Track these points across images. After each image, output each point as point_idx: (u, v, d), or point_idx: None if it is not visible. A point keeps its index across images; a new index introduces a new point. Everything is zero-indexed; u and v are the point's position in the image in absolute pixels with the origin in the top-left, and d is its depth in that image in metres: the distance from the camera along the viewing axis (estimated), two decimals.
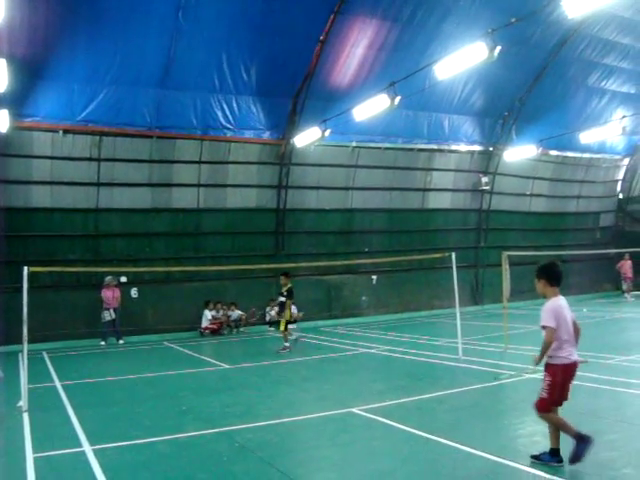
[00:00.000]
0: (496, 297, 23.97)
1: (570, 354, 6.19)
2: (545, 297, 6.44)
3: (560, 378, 6.18)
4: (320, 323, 23.90)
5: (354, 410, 9.06)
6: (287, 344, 16.52)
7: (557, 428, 6.26)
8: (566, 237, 31.57)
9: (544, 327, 6.15)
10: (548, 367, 6.24)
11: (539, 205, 30.73)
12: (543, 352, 6.22)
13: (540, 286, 6.45)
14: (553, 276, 6.38)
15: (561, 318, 6.17)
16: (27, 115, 18.82)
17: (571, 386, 6.25)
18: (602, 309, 24.24)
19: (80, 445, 7.79)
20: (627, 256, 29.09)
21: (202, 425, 8.59)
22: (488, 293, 27.56)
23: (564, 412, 6.35)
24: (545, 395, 6.20)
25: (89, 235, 20.99)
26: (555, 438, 6.29)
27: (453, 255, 14.33)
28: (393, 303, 26.17)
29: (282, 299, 17.04)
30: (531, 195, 30.23)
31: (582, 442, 6.07)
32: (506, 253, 15.14)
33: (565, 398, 6.26)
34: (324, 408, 9.35)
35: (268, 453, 7.19)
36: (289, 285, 16.96)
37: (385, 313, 25.67)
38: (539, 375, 10.97)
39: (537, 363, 6.34)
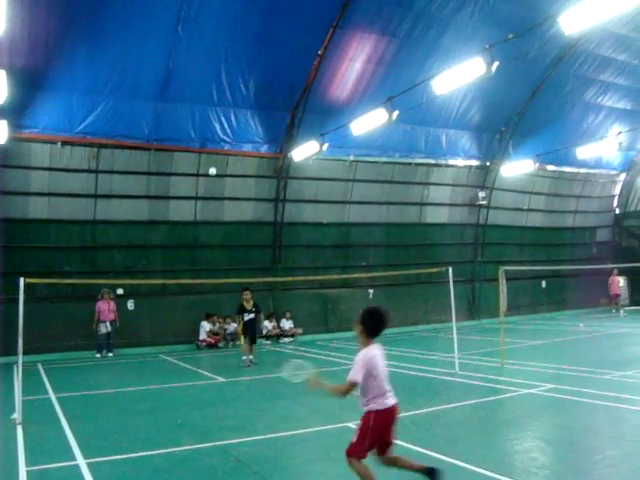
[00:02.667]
0: (493, 312, 24.01)
1: (387, 399, 5.78)
2: (359, 342, 5.89)
3: (374, 424, 5.75)
4: (317, 337, 23.83)
5: (350, 424, 8.99)
6: (244, 358, 16.53)
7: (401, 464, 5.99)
8: (563, 252, 31.64)
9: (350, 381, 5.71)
10: (367, 415, 5.79)
11: (536, 220, 30.79)
12: (332, 392, 5.94)
13: (358, 329, 5.86)
14: (374, 327, 5.82)
15: (375, 369, 5.72)
16: (26, 126, 18.86)
17: (392, 430, 5.86)
18: (598, 324, 24.24)
19: (74, 458, 7.75)
20: (615, 272, 29.22)
21: (197, 439, 8.54)
22: (485, 308, 27.54)
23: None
24: (356, 439, 5.78)
25: (86, 247, 20.96)
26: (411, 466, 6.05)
27: (450, 270, 14.34)
28: (390, 317, 26.02)
29: (252, 316, 16.86)
30: (528, 210, 30.29)
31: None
32: (503, 268, 15.14)
33: (381, 444, 5.84)
34: (320, 422, 9.32)
35: (263, 467, 7.16)
36: (254, 302, 17.03)
37: None
38: (535, 391, 10.99)
39: (314, 387, 6.01)
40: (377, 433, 5.74)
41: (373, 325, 5.79)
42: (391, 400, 5.79)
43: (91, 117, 19.44)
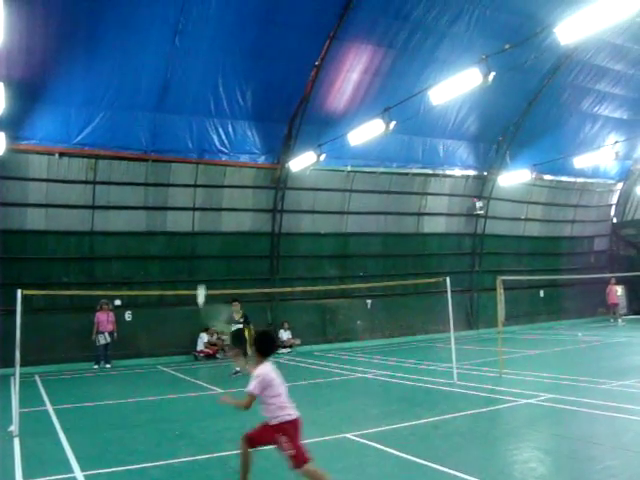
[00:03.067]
0: (491, 321, 23.96)
1: (290, 411, 6.28)
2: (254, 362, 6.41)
3: (294, 432, 6.23)
4: (315, 347, 23.79)
5: (348, 435, 8.99)
6: (238, 368, 16.33)
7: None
8: (560, 261, 31.62)
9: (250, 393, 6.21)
10: (278, 427, 6.23)
11: (533, 229, 30.82)
12: (237, 406, 6.54)
13: (252, 351, 6.57)
14: (266, 349, 6.39)
15: (272, 384, 6.20)
16: (23, 138, 18.86)
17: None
18: (597, 333, 24.22)
19: (71, 471, 7.69)
20: (613, 281, 29.28)
21: (196, 450, 8.50)
22: (483, 317, 27.53)
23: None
24: (292, 451, 6.16)
25: (84, 258, 20.93)
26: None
27: (448, 280, 14.34)
28: (388, 327, 26.08)
29: (239, 326, 16.73)
30: (525, 219, 30.33)
31: None
32: (501, 278, 15.13)
33: (263, 443, 6.45)
34: (318, 433, 9.26)
35: (262, 479, 7.11)
36: (242, 312, 16.85)
37: (380, 337, 25.58)
38: (534, 400, 10.96)
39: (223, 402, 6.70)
40: (297, 438, 6.22)
41: (265, 347, 6.37)
42: (294, 414, 6.29)
43: (89, 128, 19.46)
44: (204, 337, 21.74)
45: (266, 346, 6.40)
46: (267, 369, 6.26)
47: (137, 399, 13.64)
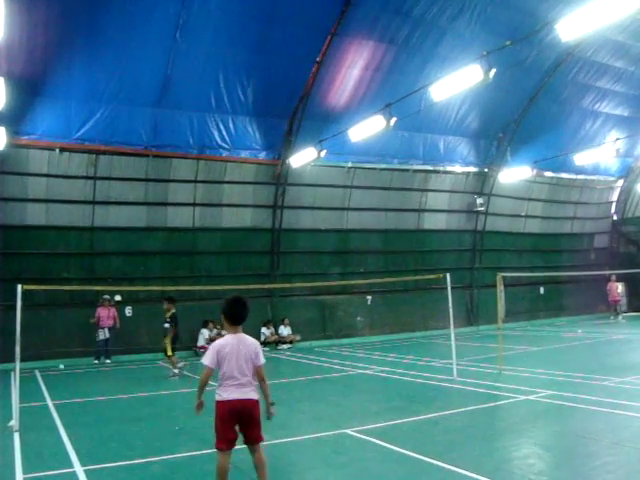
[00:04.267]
0: (491, 318, 24.03)
1: (230, 393, 5.90)
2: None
3: (219, 415, 5.91)
4: (315, 343, 23.82)
5: (348, 431, 9.01)
6: (176, 370, 16.12)
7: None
8: (561, 258, 31.67)
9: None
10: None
11: (534, 226, 30.82)
12: (199, 389, 6.25)
13: (222, 319, 6.24)
14: (231, 315, 6.15)
15: (223, 356, 5.91)
16: (24, 133, 18.86)
17: (245, 426, 6.00)
18: (597, 330, 24.24)
19: (71, 466, 7.71)
20: (613, 277, 29.33)
21: (195, 445, 8.52)
22: (483, 314, 27.55)
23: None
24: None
25: (84, 253, 20.94)
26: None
27: (448, 276, 14.34)
28: (388, 324, 26.10)
29: (166, 325, 16.40)
30: (526, 216, 30.33)
31: None
32: (501, 274, 15.13)
33: (229, 437, 5.92)
34: (318, 429, 9.29)
35: None
36: (172, 311, 16.31)
37: (380, 334, 25.60)
38: (533, 397, 10.99)
39: (198, 408, 6.27)
40: (223, 425, 5.88)
41: (229, 312, 6.12)
42: (235, 394, 5.88)
43: (89, 124, 19.45)
44: (205, 332, 21.74)
45: (230, 311, 6.12)
46: (222, 342, 6.01)
47: (137, 394, 13.67)
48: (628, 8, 10.75)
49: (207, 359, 5.97)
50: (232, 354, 5.91)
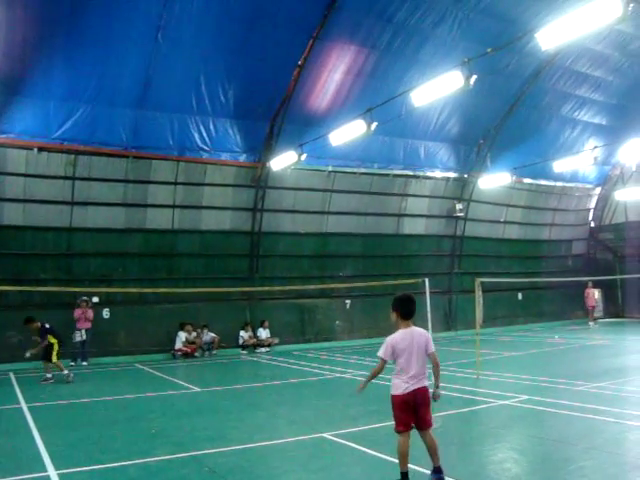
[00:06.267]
0: (469, 323, 24.14)
1: (406, 387, 6.51)
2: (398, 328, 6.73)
3: (397, 406, 6.60)
4: (293, 347, 23.78)
5: (326, 435, 8.99)
6: (49, 375, 16.10)
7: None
8: (539, 264, 31.95)
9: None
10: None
11: (513, 232, 31.05)
12: (369, 377, 7.03)
13: (393, 317, 6.83)
14: (404, 311, 6.71)
15: (400, 351, 6.57)
16: (1, 131, 18.63)
17: (418, 412, 6.50)
18: (574, 336, 24.47)
19: (45, 469, 7.60)
20: (590, 284, 29.71)
21: (172, 449, 8.45)
22: (461, 319, 27.69)
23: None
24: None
25: (61, 254, 20.73)
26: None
27: (426, 281, 14.44)
28: (367, 328, 26.12)
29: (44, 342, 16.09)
30: (505, 222, 30.55)
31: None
32: (479, 280, 15.21)
33: (406, 422, 6.51)
34: (296, 433, 9.27)
35: (238, 478, 7.11)
36: (37, 325, 16.21)
37: (359, 338, 25.63)
38: (510, 402, 11.05)
39: (360, 390, 7.08)
40: (399, 412, 6.54)
41: (401, 308, 6.74)
42: (409, 386, 6.48)
43: (69, 123, 19.26)
44: (182, 335, 21.63)
45: (402, 307, 6.69)
46: (392, 338, 6.62)
47: (114, 397, 13.54)
48: (606, 18, 10.88)
49: (383, 352, 6.62)
50: (408, 349, 6.49)
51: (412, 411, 6.43)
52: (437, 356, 6.71)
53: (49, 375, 16.16)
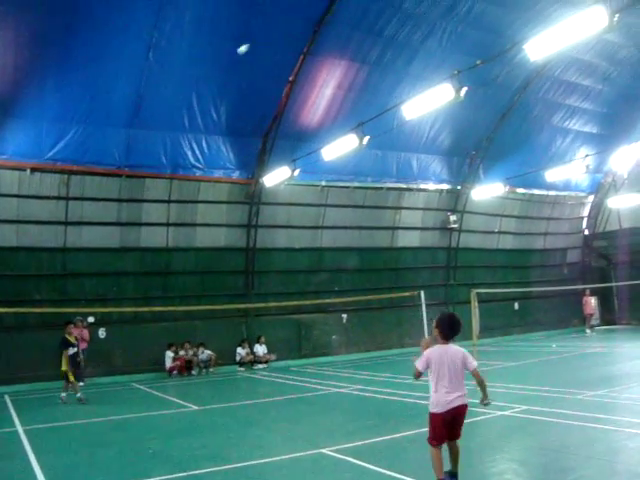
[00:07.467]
0: (466, 334, 23.80)
1: (442, 406, 6.52)
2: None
3: (433, 424, 6.62)
4: (290, 362, 23.70)
5: (324, 451, 8.94)
6: (64, 395, 15.85)
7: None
8: (534, 273, 31.97)
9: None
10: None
11: (507, 242, 31.10)
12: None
13: (435, 332, 6.88)
14: (447, 332, 6.76)
15: (432, 366, 6.66)
16: None
17: (452, 427, 6.58)
18: (571, 344, 24.44)
19: None
20: (587, 292, 29.77)
21: (170, 469, 8.39)
22: None
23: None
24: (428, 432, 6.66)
25: (56, 275, 20.68)
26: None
27: (422, 293, 14.43)
28: (364, 342, 26.09)
29: (76, 350, 16.43)
30: (499, 232, 30.60)
31: None
32: (475, 291, 15.22)
33: (441, 437, 6.58)
34: (294, 449, 9.21)
35: None
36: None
37: (356, 352, 25.57)
38: (509, 412, 11.02)
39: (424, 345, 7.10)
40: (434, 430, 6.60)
41: (443, 329, 6.75)
42: (445, 405, 6.49)
43: (61, 143, 19.27)
44: (169, 354, 21.50)
45: (447, 328, 6.71)
46: (429, 351, 6.70)
47: (111, 417, 13.44)
48: (593, 28, 11.00)
49: (419, 362, 6.77)
50: (442, 365, 6.57)
51: (448, 427, 6.53)
52: (478, 372, 6.85)
53: (64, 394, 15.84)
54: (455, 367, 6.56)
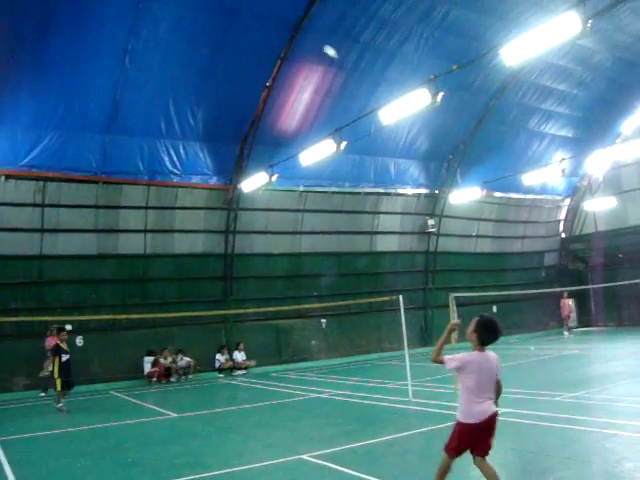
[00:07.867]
0: None
1: (473, 415, 6.19)
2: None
3: (458, 434, 6.25)
4: (270, 368, 23.63)
5: (304, 457, 8.92)
6: (60, 405, 15.59)
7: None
8: (512, 277, 32.11)
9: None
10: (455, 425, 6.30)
11: (485, 246, 31.29)
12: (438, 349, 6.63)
13: (472, 337, 6.43)
14: (486, 339, 6.36)
15: (468, 371, 6.29)
16: None
17: (482, 437, 6.22)
18: (549, 347, 24.65)
19: None
20: (565, 294, 30.05)
21: (149, 478, 8.33)
22: (437, 334, 27.47)
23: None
24: (449, 440, 6.28)
25: (32, 282, 20.43)
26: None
27: (400, 298, 14.43)
28: (343, 346, 26.09)
29: (68, 356, 16.14)
30: (477, 236, 30.78)
31: None
32: (453, 294, 15.31)
33: (461, 450, 6.27)
34: (274, 456, 9.18)
35: None
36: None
37: (335, 357, 25.56)
38: None
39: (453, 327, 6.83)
40: (458, 442, 6.17)
41: (483, 335, 6.34)
42: (477, 415, 6.09)
43: (36, 150, 19.03)
44: (147, 360, 21.41)
45: (487, 335, 6.30)
46: (468, 355, 6.27)
47: (88, 426, 13.31)
48: (566, 34, 11.15)
49: (451, 358, 6.34)
50: (478, 373, 6.17)
51: (481, 437, 6.16)
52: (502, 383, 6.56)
53: (60, 405, 15.58)
54: (491, 375, 6.30)
